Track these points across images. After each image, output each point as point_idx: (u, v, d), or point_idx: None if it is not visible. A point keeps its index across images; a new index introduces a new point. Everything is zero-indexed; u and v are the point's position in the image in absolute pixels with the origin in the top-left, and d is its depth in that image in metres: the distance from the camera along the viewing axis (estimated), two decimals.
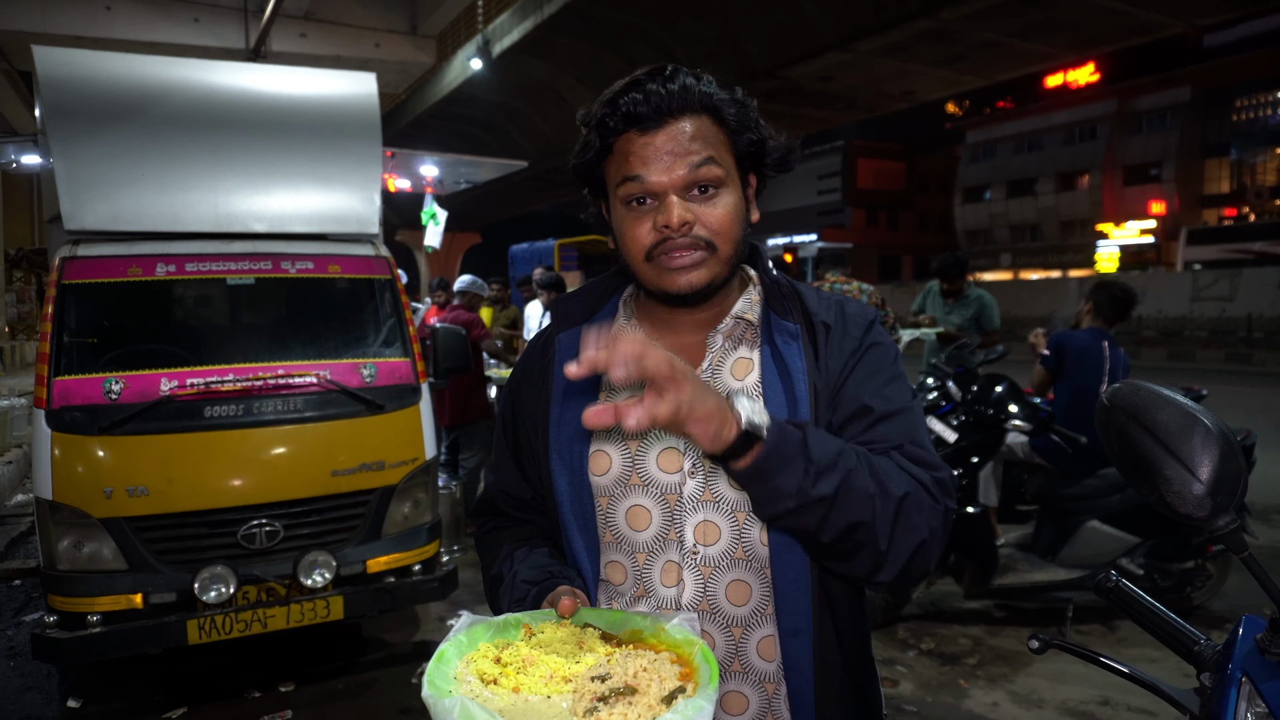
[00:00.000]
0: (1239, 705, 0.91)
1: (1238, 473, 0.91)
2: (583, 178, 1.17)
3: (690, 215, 1.07)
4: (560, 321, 1.26)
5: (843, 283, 5.67)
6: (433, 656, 0.92)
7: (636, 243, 1.10)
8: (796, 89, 20.33)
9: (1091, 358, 4.42)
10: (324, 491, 3.60)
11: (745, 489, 0.97)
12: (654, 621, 1.00)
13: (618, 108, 1.07)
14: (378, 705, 3.63)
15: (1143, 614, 1.12)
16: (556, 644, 0.97)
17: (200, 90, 3.95)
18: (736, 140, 1.12)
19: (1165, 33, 17.69)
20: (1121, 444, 1.00)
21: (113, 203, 3.68)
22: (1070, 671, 3.75)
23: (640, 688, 0.89)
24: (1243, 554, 0.94)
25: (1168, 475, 0.94)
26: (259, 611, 3.38)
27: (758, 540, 1.10)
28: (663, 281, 1.11)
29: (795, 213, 55.76)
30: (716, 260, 1.10)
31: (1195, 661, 1.06)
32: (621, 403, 0.86)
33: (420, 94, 24.97)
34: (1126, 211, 42.48)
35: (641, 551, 1.14)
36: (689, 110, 1.08)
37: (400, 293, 4.12)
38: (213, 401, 3.51)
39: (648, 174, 1.07)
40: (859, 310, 1.19)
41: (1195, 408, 0.96)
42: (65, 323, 3.49)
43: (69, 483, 3.27)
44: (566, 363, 0.89)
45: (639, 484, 1.14)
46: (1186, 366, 20.21)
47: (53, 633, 3.20)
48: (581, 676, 0.92)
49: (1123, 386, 1.03)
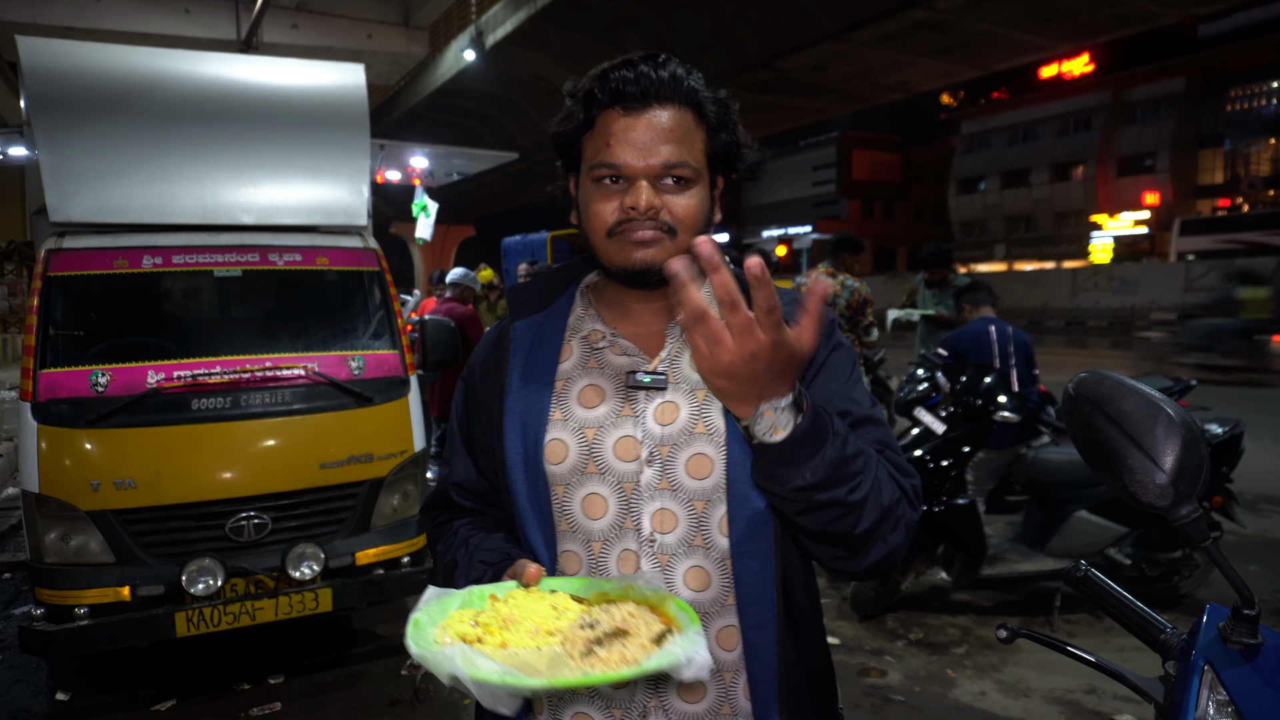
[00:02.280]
0: (1201, 693, 0.92)
1: (1200, 462, 0.92)
2: (560, 148, 1.18)
3: (658, 202, 1.09)
4: (516, 310, 1.26)
5: (829, 275, 5.66)
6: (409, 623, 0.92)
7: (600, 218, 1.12)
8: (791, 80, 20.31)
9: (982, 343, 4.71)
10: (312, 484, 3.60)
11: (765, 459, 0.97)
12: (620, 583, 1.01)
13: (607, 82, 1.09)
14: (367, 697, 3.64)
15: (1111, 603, 1.13)
16: (529, 607, 0.97)
17: (187, 81, 3.92)
18: (713, 139, 1.13)
19: (1160, 22, 17.71)
20: (1086, 433, 1.00)
21: (98, 194, 3.66)
22: (1058, 661, 3.75)
23: (631, 630, 0.90)
24: (1204, 543, 0.94)
25: (1131, 465, 0.95)
26: (247, 604, 3.38)
27: (717, 530, 1.10)
28: (620, 255, 1.12)
29: (790, 204, 55.80)
30: (675, 245, 1.10)
31: (1161, 650, 1.06)
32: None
33: (413, 86, 24.90)
34: (1120, 202, 42.54)
35: (598, 540, 1.13)
36: (674, 100, 1.09)
37: (389, 285, 4.11)
38: (200, 394, 3.50)
39: (623, 156, 1.08)
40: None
41: (1159, 397, 0.97)
42: (51, 315, 3.47)
43: (56, 475, 3.26)
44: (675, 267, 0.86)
45: (595, 472, 1.13)
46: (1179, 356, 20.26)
47: (40, 625, 3.20)
48: (568, 628, 0.92)
49: (1088, 376, 1.04)
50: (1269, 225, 33.16)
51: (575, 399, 1.17)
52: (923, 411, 4.44)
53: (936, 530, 4.20)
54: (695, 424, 1.12)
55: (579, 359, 1.20)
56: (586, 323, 1.21)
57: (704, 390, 1.12)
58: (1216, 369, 14.82)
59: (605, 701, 1.12)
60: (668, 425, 1.12)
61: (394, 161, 6.48)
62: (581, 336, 1.21)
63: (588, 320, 1.22)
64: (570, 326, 1.23)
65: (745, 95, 21.53)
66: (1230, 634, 0.94)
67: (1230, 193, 40.38)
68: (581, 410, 1.16)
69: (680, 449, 1.11)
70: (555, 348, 1.21)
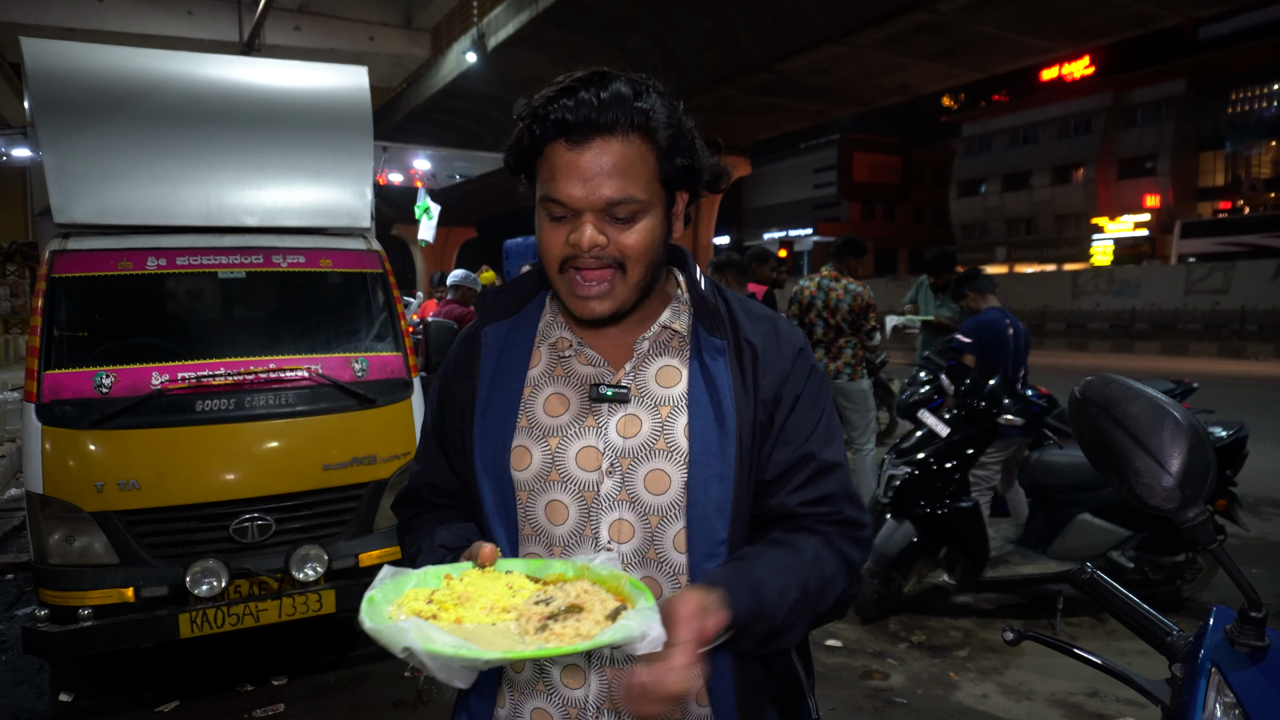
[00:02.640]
0: (1208, 695, 0.92)
1: (1206, 465, 0.92)
2: (515, 170, 1.16)
3: (602, 239, 1.07)
4: (487, 315, 1.25)
5: (831, 279, 5.66)
6: (363, 600, 0.91)
7: (549, 251, 1.11)
8: (792, 82, 20.32)
9: (1001, 341, 4.71)
10: (316, 485, 3.60)
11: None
12: (575, 564, 1.02)
13: (548, 115, 1.05)
14: (370, 699, 3.64)
15: (1117, 606, 1.13)
16: (484, 586, 0.97)
17: (191, 83, 3.93)
18: (666, 164, 1.09)
19: (1160, 25, 17.73)
20: (1092, 436, 1.01)
21: (102, 196, 3.66)
22: (1060, 664, 3.77)
23: (585, 606, 0.90)
24: (1211, 545, 0.95)
25: (1137, 468, 0.95)
26: (251, 605, 3.38)
27: (670, 545, 1.12)
28: (569, 303, 1.12)
29: (790, 206, 55.84)
30: (624, 284, 1.10)
31: (1167, 652, 1.07)
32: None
33: (415, 87, 24.92)
34: (1121, 205, 42.56)
35: (559, 545, 1.15)
36: (620, 128, 1.05)
37: (392, 286, 4.12)
38: (204, 395, 3.50)
39: (568, 191, 1.05)
40: (791, 331, 1.20)
41: (1165, 401, 0.97)
42: (55, 316, 3.48)
43: (60, 476, 3.26)
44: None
45: (558, 480, 1.15)
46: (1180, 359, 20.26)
47: (44, 626, 3.20)
48: (522, 605, 0.93)
49: (1095, 379, 1.04)
50: (1270, 228, 33.20)
51: (541, 407, 1.18)
52: (926, 414, 4.45)
53: (939, 533, 4.20)
54: (656, 440, 1.12)
55: (546, 366, 1.21)
56: (555, 330, 1.21)
57: (668, 406, 1.13)
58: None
59: (561, 699, 1.13)
60: (629, 439, 1.13)
61: (396, 163, 6.50)
62: (550, 344, 1.21)
63: (556, 327, 1.21)
64: (540, 333, 1.23)
65: (746, 97, 21.55)
66: (1237, 636, 0.95)
67: (1231, 195, 40.39)
68: (546, 418, 1.17)
69: (640, 463, 1.12)
70: (525, 354, 1.21)
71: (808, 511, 1.13)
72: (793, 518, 1.13)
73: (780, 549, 1.09)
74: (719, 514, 1.10)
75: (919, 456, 4.31)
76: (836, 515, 1.13)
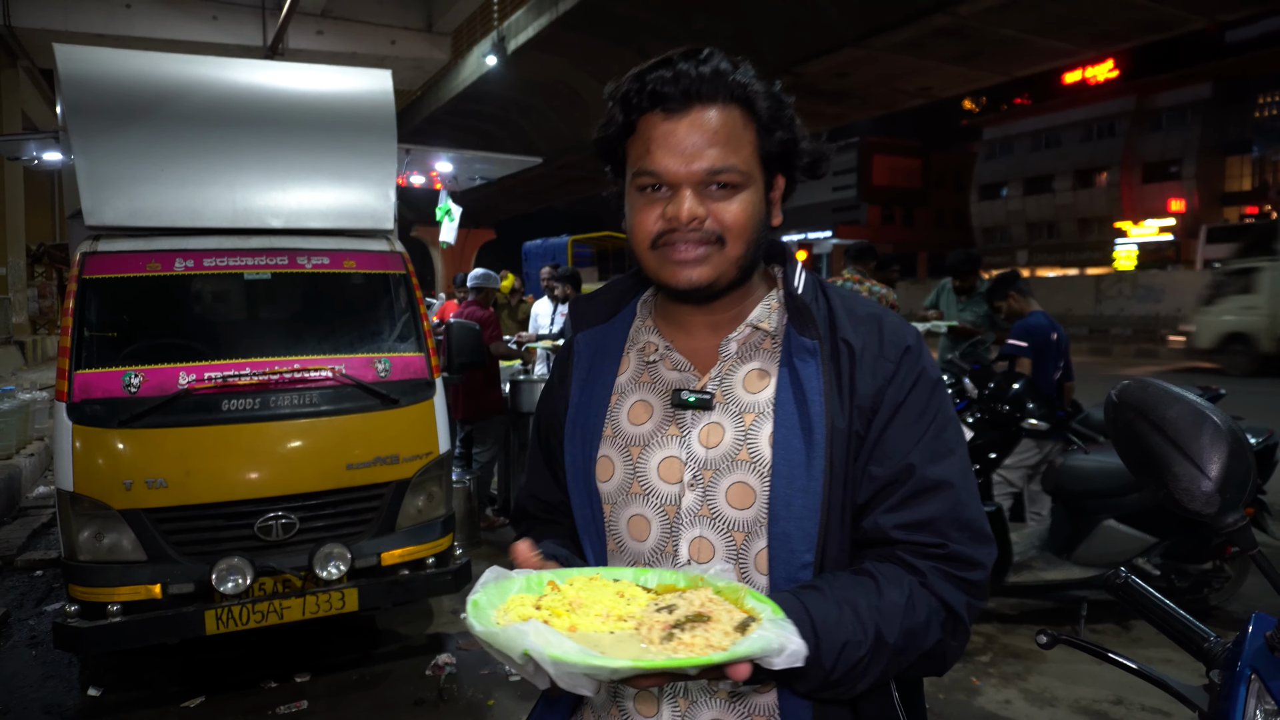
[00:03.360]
0: (1248, 702, 0.92)
1: (1246, 470, 0.92)
2: (604, 154, 1.11)
3: (702, 210, 1.01)
4: (579, 323, 1.22)
5: (855, 281, 5.64)
6: (468, 603, 0.85)
7: (642, 228, 1.05)
8: (811, 86, 20.24)
9: (1048, 348, 4.71)
10: (339, 484, 3.64)
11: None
12: (688, 574, 0.94)
13: (645, 84, 1.01)
14: (391, 697, 3.66)
15: (1152, 611, 1.12)
16: (595, 593, 0.90)
17: (218, 88, 3.98)
18: (765, 138, 1.04)
19: (1185, 28, 17.52)
20: (1130, 441, 1.00)
21: (132, 199, 3.72)
22: (1083, 671, 3.73)
23: (713, 616, 0.83)
24: (1252, 551, 0.94)
25: (1176, 472, 0.95)
26: (275, 603, 3.42)
27: (754, 566, 1.04)
28: (663, 273, 1.05)
29: (809, 209, 55.55)
30: (724, 258, 1.03)
31: (1205, 659, 1.06)
32: None
33: (436, 91, 25.06)
34: (1145, 209, 42.10)
35: (643, 562, 1.09)
36: (718, 99, 1.01)
37: (415, 287, 4.15)
38: (230, 395, 3.54)
39: (664, 162, 1.00)
40: (898, 328, 1.08)
41: (1205, 404, 0.96)
42: (85, 317, 3.53)
43: (89, 474, 3.31)
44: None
45: (639, 493, 1.09)
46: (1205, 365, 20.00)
47: (74, 622, 3.25)
48: (643, 612, 0.85)
49: (1132, 383, 1.04)
50: None
51: (625, 415, 1.13)
52: None
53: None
54: (739, 449, 1.04)
55: (634, 372, 1.16)
56: (643, 334, 1.16)
57: (752, 414, 1.05)
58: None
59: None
60: (712, 448, 1.06)
61: (418, 166, 6.52)
62: (638, 349, 1.16)
63: (644, 332, 1.16)
64: (630, 339, 1.18)
65: None
66: (1278, 643, 0.94)
67: (1258, 200, 39.86)
68: (630, 427, 1.11)
69: (722, 474, 1.05)
70: (615, 361, 1.17)
71: (905, 538, 0.99)
72: (888, 543, 1.00)
73: (862, 586, 0.96)
74: (802, 534, 1.00)
75: None
76: (939, 548, 0.98)
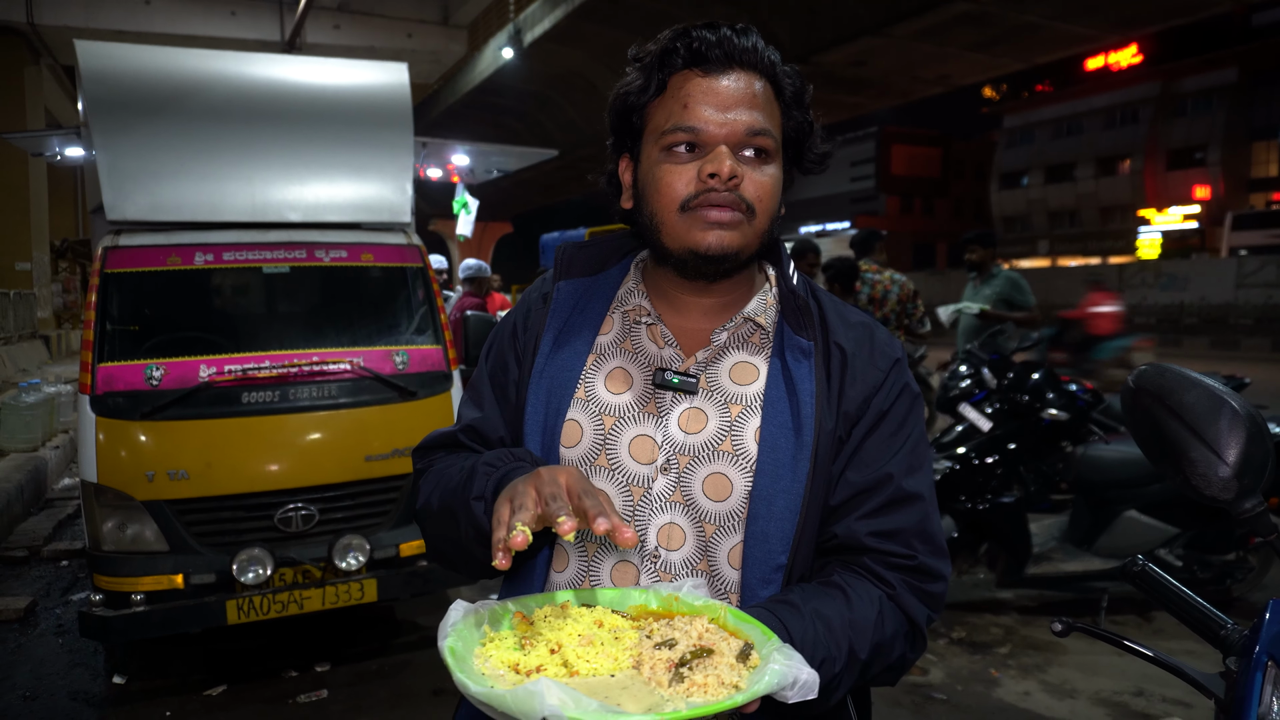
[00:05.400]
0: (1264, 689, 0.91)
1: (1265, 455, 0.91)
2: (619, 119, 1.07)
3: (740, 171, 0.98)
4: (563, 269, 1.15)
5: (874, 271, 5.61)
6: (445, 651, 0.78)
7: (671, 190, 1.00)
8: (829, 74, 20.11)
9: None
10: (358, 476, 3.67)
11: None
12: (658, 594, 0.90)
13: (689, 40, 1.00)
14: (410, 686, 3.70)
15: (1170, 598, 1.11)
16: (572, 625, 0.84)
17: (236, 83, 4.01)
18: (788, 116, 1.04)
19: (1210, 12, 17.27)
20: (1147, 427, 0.99)
21: (153, 194, 3.76)
22: (1103, 662, 3.70)
23: (715, 648, 0.79)
24: (1270, 536, 0.93)
25: (1193, 458, 0.94)
26: (295, 593, 3.46)
27: (725, 560, 1.02)
28: (692, 235, 1.00)
29: (827, 200, 55.30)
30: (751, 229, 1.01)
31: (1222, 646, 1.05)
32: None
33: (453, 84, 25.12)
34: (1169, 196, 41.55)
35: (594, 543, 1.03)
36: (757, 68, 1.01)
37: (432, 280, 4.16)
38: (250, 387, 3.58)
39: (704, 117, 0.98)
40: (888, 340, 1.09)
41: (1223, 390, 0.95)
42: (108, 311, 3.57)
43: (113, 466, 3.36)
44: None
45: (606, 466, 1.04)
46: (1231, 354, 19.75)
47: (99, 611, 3.30)
48: (640, 649, 0.80)
49: (1149, 369, 1.03)
50: None
51: (602, 380, 1.07)
52: (968, 408, 4.39)
53: (980, 529, 4.15)
54: (722, 440, 1.02)
55: (616, 336, 1.10)
56: (634, 297, 1.10)
57: (739, 405, 1.03)
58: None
59: None
60: (692, 435, 1.02)
61: (435, 159, 6.54)
62: (625, 310, 1.11)
63: (635, 295, 1.10)
64: (618, 299, 1.13)
65: None
66: None
67: None
68: (606, 394, 1.06)
69: (700, 463, 1.02)
70: (597, 317, 1.11)
71: (876, 546, 0.99)
72: (858, 551, 1.00)
73: (834, 601, 0.95)
74: (780, 534, 0.99)
75: (960, 451, 4.26)
76: (908, 559, 0.99)
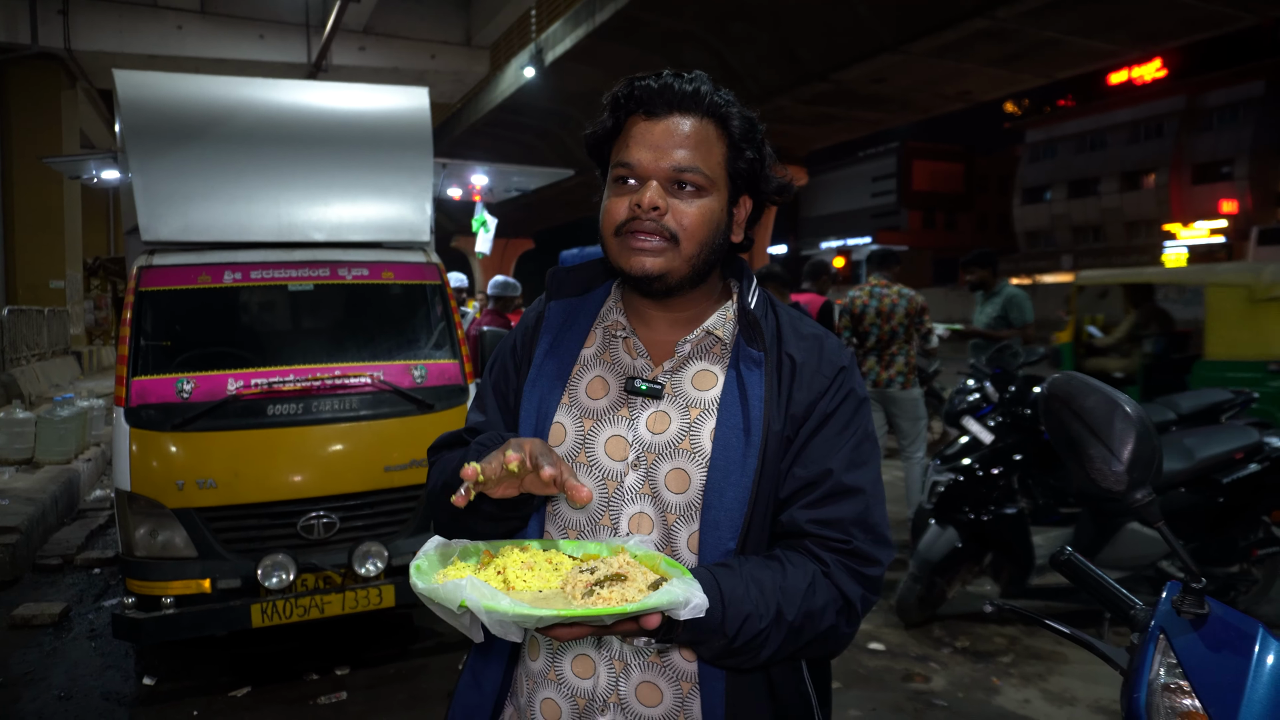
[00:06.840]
0: (1155, 658, 1.02)
1: (1152, 453, 1.02)
2: (593, 152, 1.23)
3: (663, 203, 1.12)
4: (554, 291, 1.32)
5: (883, 286, 5.71)
6: (412, 566, 0.98)
7: (611, 215, 1.16)
8: (849, 91, 20.20)
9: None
10: (377, 486, 3.82)
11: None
12: (610, 544, 1.07)
13: (633, 89, 1.16)
14: (427, 689, 3.83)
15: (1089, 583, 1.22)
16: (526, 558, 1.03)
17: (264, 109, 4.21)
18: (735, 153, 1.16)
19: (1236, 25, 17.13)
20: (1057, 427, 1.11)
21: (185, 215, 3.95)
22: (1104, 671, 3.74)
23: (629, 576, 0.95)
24: (1156, 524, 1.04)
25: (1092, 454, 1.06)
26: (317, 598, 3.60)
27: (684, 545, 1.15)
28: (621, 259, 1.16)
29: (849, 215, 55.30)
30: (677, 255, 1.14)
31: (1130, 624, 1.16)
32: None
33: (475, 103, 25.48)
34: (1195, 211, 41.12)
35: (574, 530, 1.19)
36: (695, 111, 1.14)
37: (450, 297, 4.32)
38: (275, 400, 3.75)
39: (639, 155, 1.13)
40: (837, 349, 1.20)
41: (1118, 395, 1.07)
42: (142, 327, 3.76)
43: (145, 475, 3.54)
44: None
45: (585, 463, 1.18)
46: None
47: (131, 613, 3.47)
48: (569, 573, 0.98)
49: (1060, 377, 1.15)
50: None
51: (584, 387, 1.23)
52: (970, 421, 4.47)
53: (984, 540, 4.22)
54: (682, 439, 1.15)
55: (598, 349, 1.26)
56: (612, 314, 1.26)
57: (698, 409, 1.17)
58: None
59: (570, 689, 1.16)
60: (657, 434, 1.16)
61: (455, 179, 6.74)
62: (605, 326, 1.27)
63: (614, 311, 1.26)
64: (600, 315, 1.29)
65: (802, 107, 21.49)
66: (1181, 605, 1.04)
67: None
68: (586, 399, 1.22)
69: (664, 460, 1.15)
70: (582, 333, 1.27)
71: (815, 531, 1.11)
72: (800, 535, 1.12)
73: (770, 569, 1.07)
74: (730, 522, 1.11)
75: (963, 463, 4.34)
76: (843, 544, 1.10)
